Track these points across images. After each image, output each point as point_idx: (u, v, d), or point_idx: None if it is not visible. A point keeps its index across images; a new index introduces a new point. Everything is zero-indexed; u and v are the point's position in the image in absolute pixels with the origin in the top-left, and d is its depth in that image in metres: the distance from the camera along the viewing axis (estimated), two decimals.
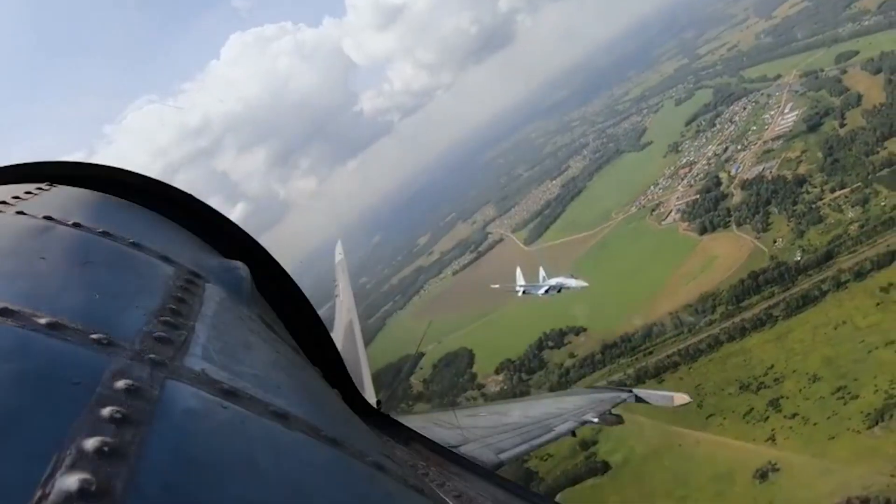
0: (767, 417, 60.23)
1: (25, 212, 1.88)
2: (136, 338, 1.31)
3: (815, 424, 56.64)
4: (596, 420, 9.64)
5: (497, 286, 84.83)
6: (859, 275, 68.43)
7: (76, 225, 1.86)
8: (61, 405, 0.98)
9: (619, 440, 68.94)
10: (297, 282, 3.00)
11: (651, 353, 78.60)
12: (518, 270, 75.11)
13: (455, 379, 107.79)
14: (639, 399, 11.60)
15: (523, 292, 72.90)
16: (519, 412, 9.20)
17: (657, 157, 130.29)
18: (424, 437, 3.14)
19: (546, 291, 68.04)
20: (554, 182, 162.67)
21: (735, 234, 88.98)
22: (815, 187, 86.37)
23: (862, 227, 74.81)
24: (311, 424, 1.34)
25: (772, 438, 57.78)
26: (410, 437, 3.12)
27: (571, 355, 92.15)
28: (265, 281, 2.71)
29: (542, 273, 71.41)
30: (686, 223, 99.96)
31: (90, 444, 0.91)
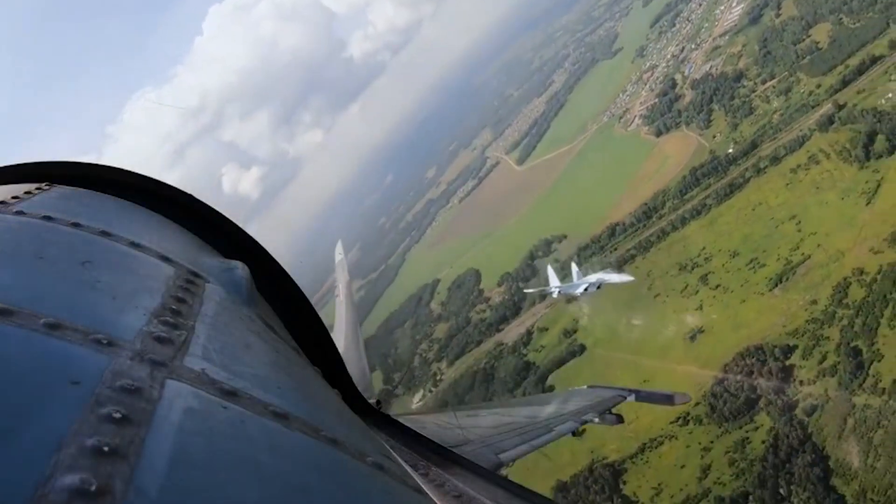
0: (698, 291, 73.63)
1: (25, 212, 1.89)
2: (136, 338, 1.31)
3: (732, 292, 69.89)
4: (597, 420, 9.56)
5: (531, 290, 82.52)
6: (775, 160, 79.45)
7: (76, 225, 1.88)
8: (61, 405, 0.98)
9: (590, 329, 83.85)
10: (297, 282, 2.99)
11: (615, 249, 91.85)
12: (549, 269, 70.25)
13: (466, 297, 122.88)
14: (639, 399, 11.66)
15: (559, 293, 68.47)
16: (519, 412, 9.14)
17: (626, 64, 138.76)
18: (424, 437, 3.16)
19: (585, 289, 63.34)
20: (540, 99, 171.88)
21: (684, 134, 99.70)
22: (750, 80, 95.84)
23: (783, 115, 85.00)
24: (311, 424, 1.34)
25: (700, 307, 71.54)
26: (410, 437, 3.12)
27: (555, 260, 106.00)
28: (265, 281, 2.72)
29: (574, 269, 66.70)
30: (646, 127, 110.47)
31: (90, 443, 0.91)
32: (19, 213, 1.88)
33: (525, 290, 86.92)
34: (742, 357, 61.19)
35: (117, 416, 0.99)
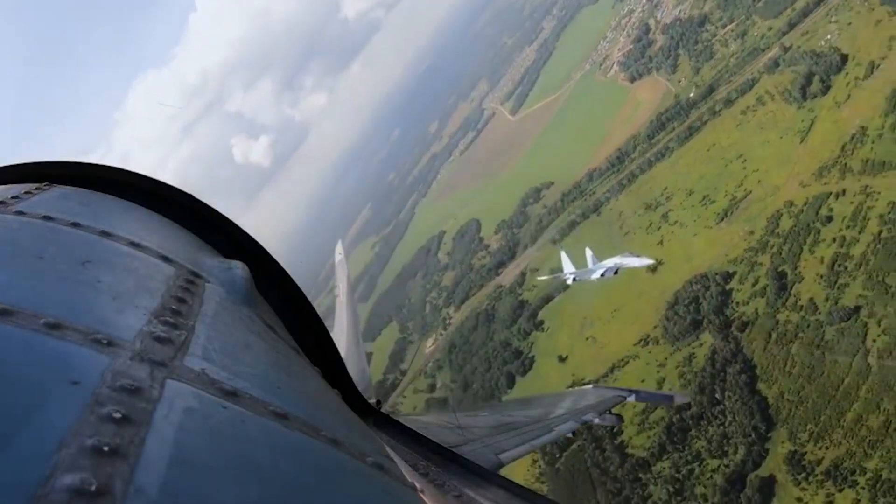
0: (660, 227, 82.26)
1: (25, 212, 1.89)
2: (136, 338, 1.31)
3: (686, 227, 78.47)
4: (597, 420, 9.39)
5: (544, 277, 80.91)
6: (728, 102, 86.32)
7: (75, 225, 1.87)
8: (61, 405, 0.98)
9: None
10: (297, 282, 2.96)
11: (594, 193, 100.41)
12: (563, 254, 67.22)
13: (468, 245, 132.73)
14: (639, 399, 11.66)
15: (573, 279, 65.34)
16: (519, 412, 8.95)
17: (607, 9, 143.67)
18: (424, 437, 3.14)
19: (602, 275, 60.22)
20: (531, 47, 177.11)
21: (655, 79, 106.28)
22: (713, 24, 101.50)
23: (737, 59, 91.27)
24: (310, 424, 1.34)
25: (660, 242, 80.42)
26: (410, 437, 3.10)
27: (544, 206, 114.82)
28: (265, 281, 2.71)
29: (589, 254, 63.40)
30: (623, 73, 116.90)
31: (90, 443, 0.90)
32: (19, 213, 1.88)
33: (538, 278, 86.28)
34: (690, 284, 70.41)
35: (117, 416, 0.99)
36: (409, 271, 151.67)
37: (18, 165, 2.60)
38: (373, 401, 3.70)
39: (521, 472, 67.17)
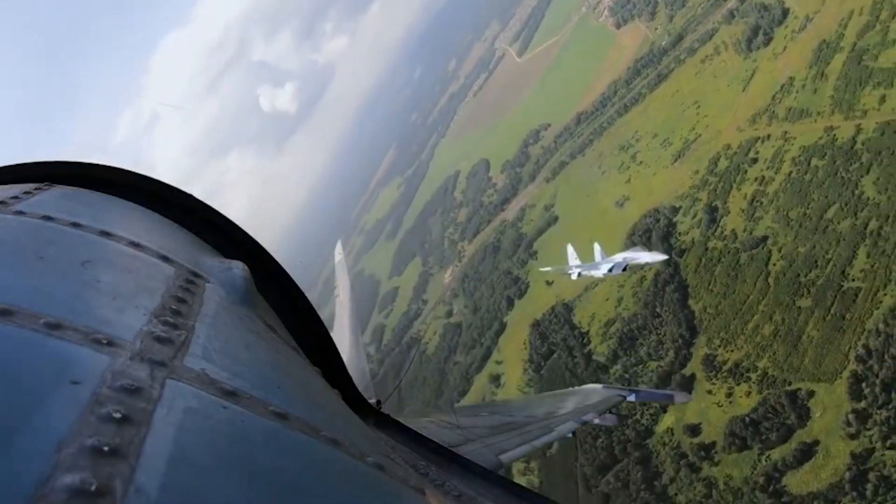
0: (629, 167, 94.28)
1: (25, 212, 1.89)
2: (136, 338, 1.31)
3: (649, 166, 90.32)
4: (597, 420, 9.52)
5: (547, 269, 79.82)
6: (691, 51, 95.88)
7: (75, 225, 1.87)
8: (61, 405, 0.98)
9: (560, 204, 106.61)
10: (297, 282, 2.99)
11: (581, 135, 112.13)
12: (570, 248, 65.30)
13: (479, 184, 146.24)
14: (639, 398, 11.63)
15: (578, 274, 63.20)
16: (520, 412, 9.04)
17: None
18: (424, 437, 3.15)
19: (610, 270, 57.37)
20: None
21: (636, 25, 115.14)
22: None
23: (703, 8, 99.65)
24: (311, 424, 1.34)
25: (629, 180, 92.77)
26: (410, 437, 3.11)
27: (541, 147, 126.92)
28: (265, 281, 2.71)
29: (597, 248, 61.06)
30: (611, 18, 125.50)
31: (90, 443, 0.90)
32: (19, 213, 1.88)
33: (540, 270, 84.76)
34: (645, 217, 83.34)
35: (117, 416, 0.99)
36: (429, 209, 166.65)
37: (18, 165, 2.62)
38: (373, 401, 3.74)
39: None
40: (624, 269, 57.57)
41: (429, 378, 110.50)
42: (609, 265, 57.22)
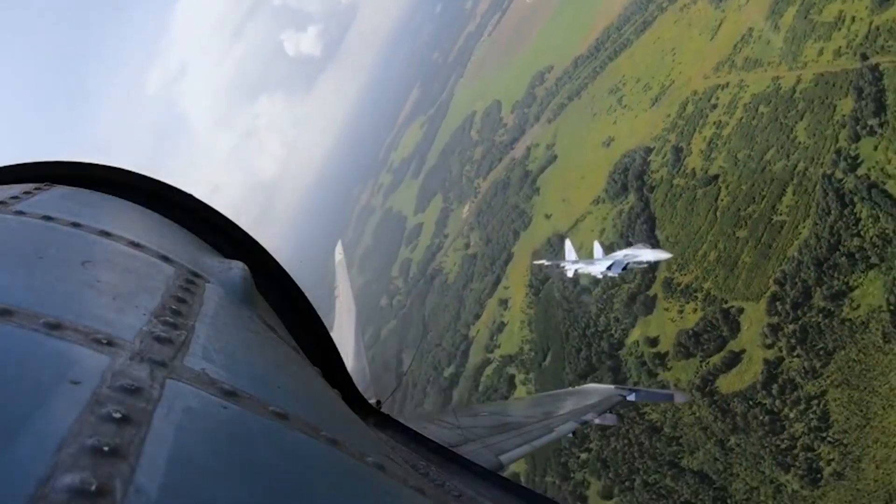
0: (616, 110, 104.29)
1: (25, 212, 1.90)
2: (136, 338, 1.31)
3: (631, 109, 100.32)
4: (597, 420, 9.65)
5: (543, 262, 78.42)
6: (672, 0, 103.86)
7: (76, 225, 1.88)
8: (61, 405, 0.98)
9: (559, 143, 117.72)
10: (297, 282, 3.01)
11: (579, 77, 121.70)
12: (567, 242, 63.36)
13: (492, 124, 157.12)
14: (639, 398, 11.76)
15: (575, 272, 60.40)
16: (520, 412, 9.14)
17: None
18: (424, 437, 3.13)
19: (609, 268, 54.70)
20: None
21: None
22: None
23: None
24: (311, 424, 1.35)
25: (615, 122, 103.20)
26: (410, 437, 3.09)
27: (545, 88, 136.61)
28: (265, 281, 2.74)
29: (597, 246, 59.11)
30: None
31: (90, 443, 0.91)
32: (19, 213, 1.89)
33: (535, 263, 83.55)
34: (624, 157, 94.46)
35: (117, 416, 0.99)
36: (449, 148, 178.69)
37: (18, 165, 2.63)
38: (373, 401, 3.75)
39: None
40: (625, 268, 54.26)
41: (449, 304, 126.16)
42: (608, 262, 54.80)
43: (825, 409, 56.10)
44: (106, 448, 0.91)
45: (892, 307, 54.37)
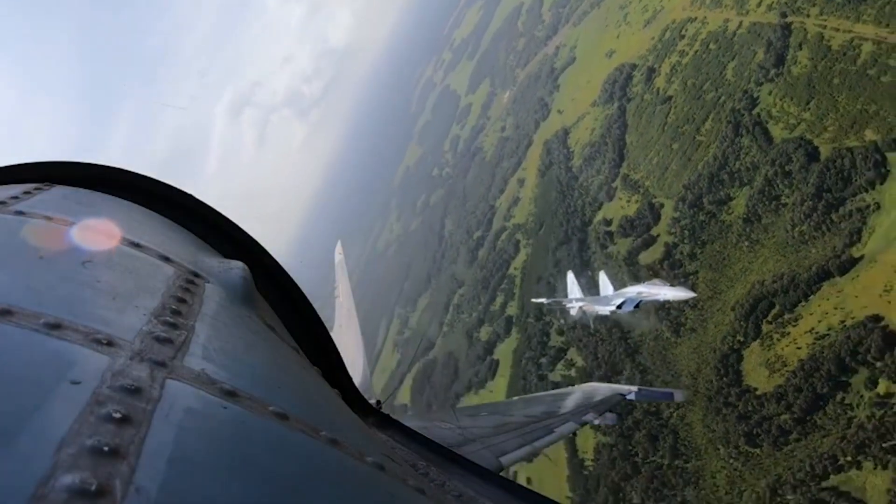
0: (620, 25, 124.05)
1: (25, 212, 1.90)
2: (136, 338, 1.32)
3: (631, 27, 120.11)
4: (597, 420, 9.65)
5: (543, 300, 70.33)
6: None
7: (75, 225, 1.88)
8: (61, 405, 0.98)
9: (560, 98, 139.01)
10: (297, 282, 3.03)
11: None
12: (570, 276, 58.16)
13: (533, 20, 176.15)
14: (640, 397, 11.85)
15: (579, 308, 53.96)
16: (520, 412, 9.07)
17: None
18: (424, 437, 3.16)
19: (619, 307, 49.18)
20: None
21: None
22: None
23: None
24: (311, 424, 1.35)
25: (618, 37, 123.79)
26: (410, 437, 3.12)
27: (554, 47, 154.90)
28: (265, 281, 2.76)
29: (602, 278, 54.02)
30: None
31: (90, 443, 0.91)
32: (19, 213, 1.89)
33: (534, 301, 77.38)
34: (615, 70, 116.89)
35: (117, 416, 0.99)
36: (500, 34, 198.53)
37: (18, 165, 2.62)
38: (373, 401, 3.74)
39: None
40: (637, 306, 48.48)
41: (484, 178, 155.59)
42: (619, 300, 49.26)
43: (694, 284, 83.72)
44: (106, 448, 0.92)
45: (746, 216, 79.75)
